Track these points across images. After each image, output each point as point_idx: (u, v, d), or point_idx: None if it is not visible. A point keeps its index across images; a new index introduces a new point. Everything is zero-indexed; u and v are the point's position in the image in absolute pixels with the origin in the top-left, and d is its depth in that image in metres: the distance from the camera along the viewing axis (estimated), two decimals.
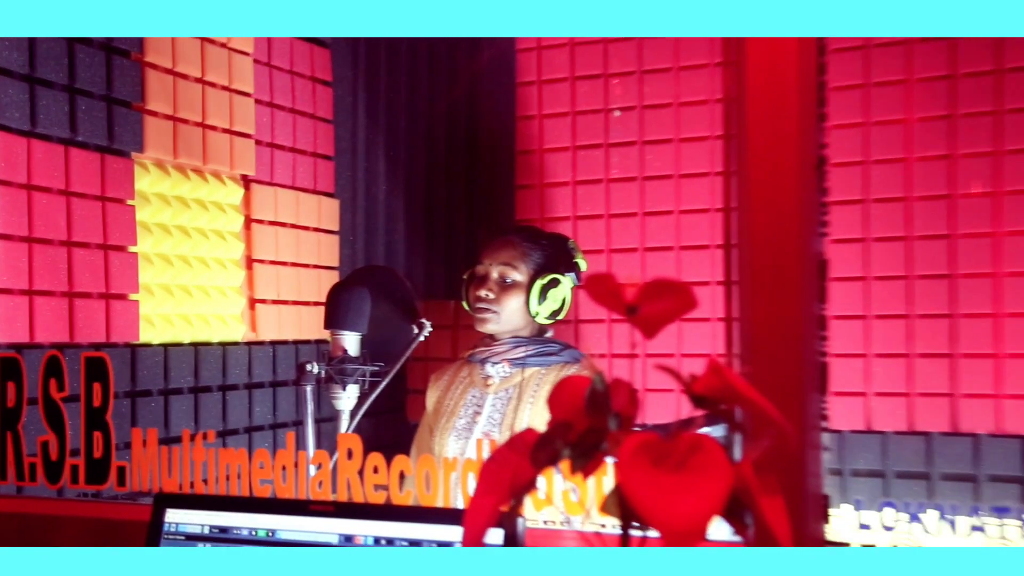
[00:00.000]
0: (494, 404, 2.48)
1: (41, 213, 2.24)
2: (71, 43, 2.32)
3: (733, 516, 1.06)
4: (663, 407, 2.59)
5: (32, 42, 2.21)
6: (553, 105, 3.24)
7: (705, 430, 1.10)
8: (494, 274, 2.50)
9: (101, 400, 1.83)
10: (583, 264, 2.58)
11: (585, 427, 1.09)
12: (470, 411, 2.50)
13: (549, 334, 2.56)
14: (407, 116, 3.24)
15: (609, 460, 1.09)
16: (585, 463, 1.09)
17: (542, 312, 2.48)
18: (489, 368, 2.50)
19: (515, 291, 2.47)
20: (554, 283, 2.47)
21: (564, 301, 2.49)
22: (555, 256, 2.51)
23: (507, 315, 2.48)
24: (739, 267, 1.44)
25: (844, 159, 2.81)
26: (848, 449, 2.78)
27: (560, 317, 2.52)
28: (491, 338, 2.52)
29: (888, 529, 1.43)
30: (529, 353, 2.49)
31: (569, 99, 3.22)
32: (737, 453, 1.16)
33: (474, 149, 3.27)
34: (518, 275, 2.48)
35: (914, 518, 1.41)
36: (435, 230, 3.25)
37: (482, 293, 2.49)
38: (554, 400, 1.14)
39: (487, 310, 2.49)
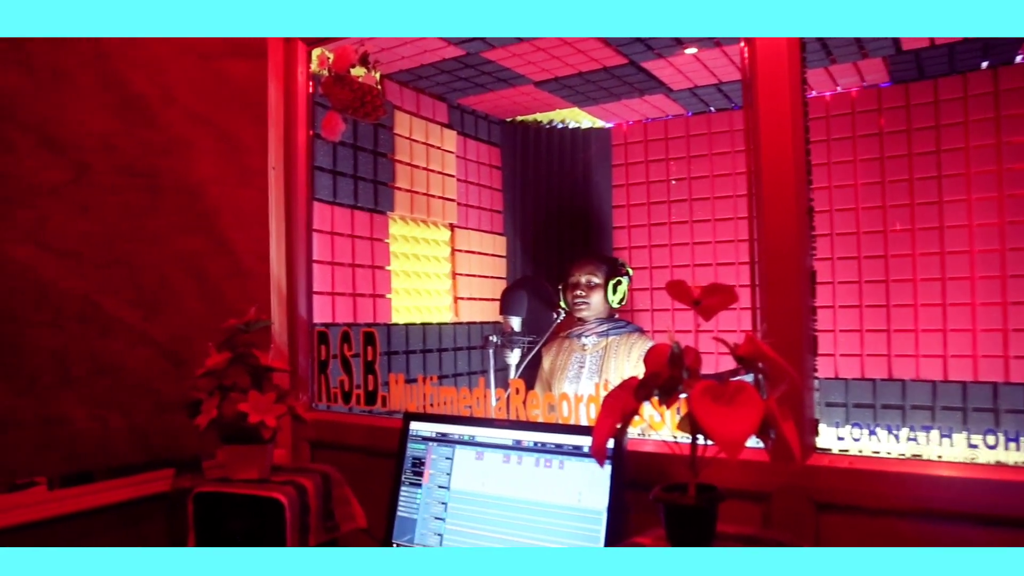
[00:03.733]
0: (591, 360, 2.43)
1: (339, 248, 2.29)
2: (355, 151, 2.37)
3: (763, 433, 1.01)
4: (709, 364, 2.50)
5: (335, 148, 2.27)
6: (635, 177, 3.17)
7: (743, 378, 1.04)
8: (583, 280, 2.44)
9: (372, 356, 1.87)
10: (631, 272, 2.51)
11: (668, 376, 1.05)
12: (576, 366, 2.45)
13: (616, 316, 2.50)
14: (546, 185, 3.22)
15: (682, 396, 1.05)
16: (668, 399, 1.05)
17: (614, 301, 2.42)
18: (584, 339, 2.45)
19: (597, 289, 2.42)
20: (619, 282, 2.42)
21: (625, 294, 2.44)
22: (616, 268, 2.46)
23: (594, 305, 2.43)
24: (760, 276, 1.38)
25: (822, 208, 2.68)
26: (825, 390, 2.66)
27: (623, 303, 2.46)
28: (582, 321, 2.47)
29: (856, 440, 1.37)
30: (609, 328, 2.43)
31: (644, 174, 3.15)
32: (765, 393, 1.10)
33: (587, 205, 3.23)
34: (597, 279, 2.43)
35: (872, 432, 1.35)
36: (564, 254, 3.21)
37: (578, 293, 2.44)
38: (648, 359, 1.10)
39: (583, 303, 2.43)
